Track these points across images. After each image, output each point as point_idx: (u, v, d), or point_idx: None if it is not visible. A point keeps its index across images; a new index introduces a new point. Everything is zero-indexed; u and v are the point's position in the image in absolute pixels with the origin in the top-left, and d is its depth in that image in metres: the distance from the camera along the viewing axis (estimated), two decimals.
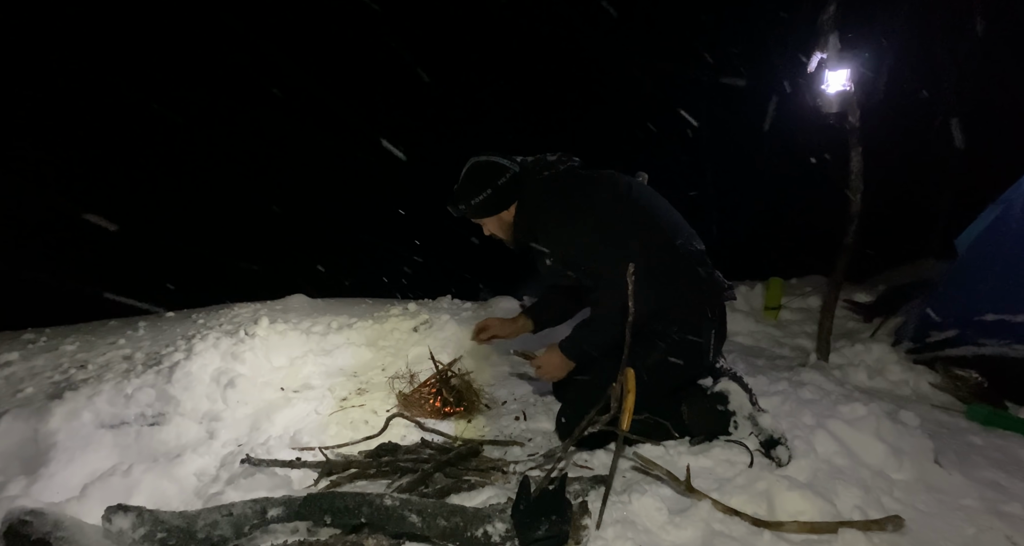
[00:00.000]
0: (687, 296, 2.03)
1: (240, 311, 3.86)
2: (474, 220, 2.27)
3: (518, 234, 2.21)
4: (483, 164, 2.18)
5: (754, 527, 1.51)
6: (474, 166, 2.18)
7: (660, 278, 1.94)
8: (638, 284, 1.61)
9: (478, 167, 2.18)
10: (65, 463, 1.90)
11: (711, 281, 2.11)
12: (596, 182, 2.18)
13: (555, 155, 2.23)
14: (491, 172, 2.15)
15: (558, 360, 2.12)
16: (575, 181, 2.17)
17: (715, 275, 2.13)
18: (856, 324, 3.92)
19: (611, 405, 1.66)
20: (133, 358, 3.09)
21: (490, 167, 2.16)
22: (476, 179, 2.16)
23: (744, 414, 1.98)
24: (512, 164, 2.17)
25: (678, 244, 2.08)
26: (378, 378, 2.75)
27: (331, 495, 1.54)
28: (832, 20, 2.78)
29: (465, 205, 2.19)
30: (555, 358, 2.13)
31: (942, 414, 2.60)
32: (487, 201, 2.15)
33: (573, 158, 2.25)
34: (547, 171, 2.18)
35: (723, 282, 2.15)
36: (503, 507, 1.48)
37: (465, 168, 2.20)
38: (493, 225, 2.24)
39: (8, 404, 2.49)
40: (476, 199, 2.15)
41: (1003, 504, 1.76)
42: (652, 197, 2.19)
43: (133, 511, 1.44)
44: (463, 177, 2.19)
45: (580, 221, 2.04)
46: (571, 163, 2.23)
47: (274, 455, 1.99)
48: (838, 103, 2.86)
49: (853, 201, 2.90)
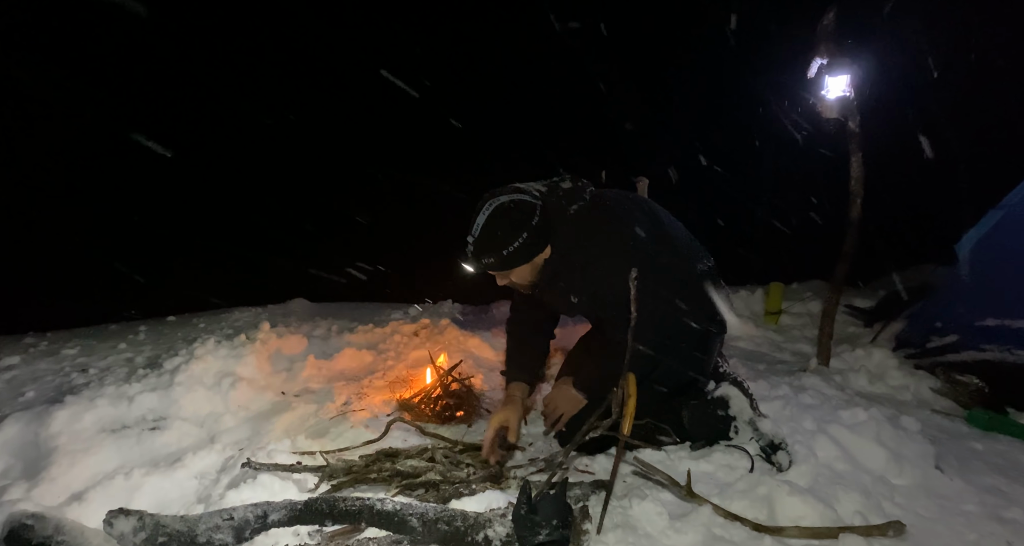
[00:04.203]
0: (699, 314, 2.03)
1: (241, 315, 3.87)
2: (498, 273, 1.89)
3: (544, 276, 1.90)
4: (509, 205, 1.77)
5: (755, 532, 1.51)
6: (500, 209, 1.76)
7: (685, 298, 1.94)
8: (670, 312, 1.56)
9: (505, 210, 1.76)
10: (66, 467, 1.90)
11: (719, 296, 2.12)
12: (623, 210, 1.96)
13: (567, 181, 1.96)
14: (522, 213, 1.77)
15: (573, 397, 2.01)
16: (606, 216, 1.91)
17: (721, 287, 2.14)
18: (857, 329, 3.92)
19: (612, 410, 1.66)
20: (134, 362, 3.10)
21: (519, 207, 1.77)
22: (507, 224, 1.76)
23: (745, 419, 1.98)
24: (531, 197, 1.82)
25: (696, 266, 2.07)
26: (379, 382, 2.76)
27: (332, 499, 1.54)
28: (831, 26, 2.79)
29: (495, 258, 1.78)
30: (570, 393, 2.02)
31: (943, 419, 2.60)
32: (523, 248, 1.77)
33: (582, 179, 2.00)
34: (574, 205, 1.89)
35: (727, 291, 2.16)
36: (504, 511, 1.48)
37: (486, 213, 1.77)
38: (523, 273, 1.87)
39: (10, 408, 2.49)
40: (510, 248, 1.76)
41: (1004, 509, 1.77)
42: (669, 220, 2.11)
43: (134, 515, 1.45)
44: (487, 224, 1.76)
45: (618, 263, 1.76)
46: (590, 189, 1.98)
47: (275, 459, 1.98)
48: (838, 109, 2.86)
49: (853, 206, 2.90)
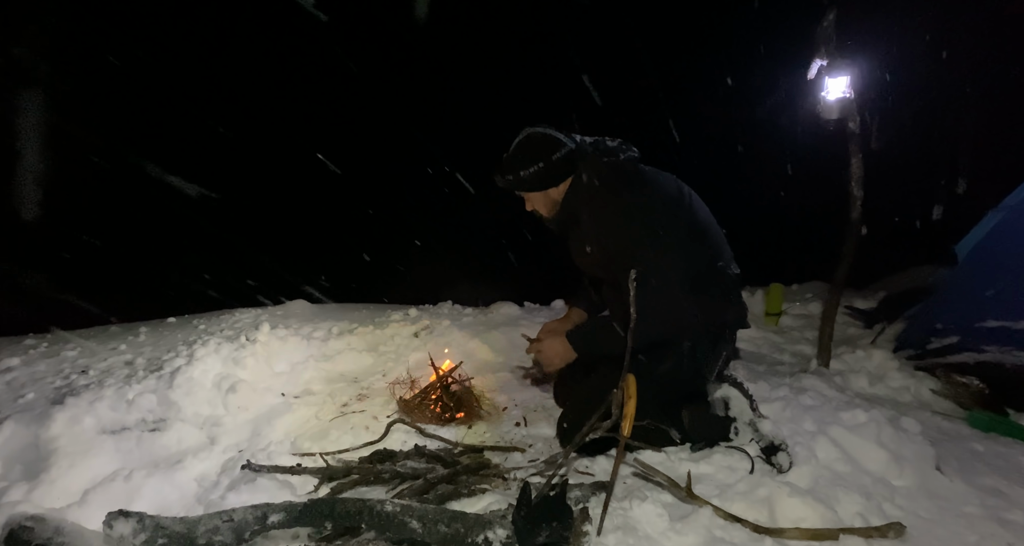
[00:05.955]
0: (714, 315, 2.03)
1: (241, 317, 3.87)
2: (518, 193, 2.16)
3: (563, 214, 2.12)
4: (538, 136, 2.07)
5: (755, 534, 1.51)
6: (529, 137, 2.07)
7: (699, 293, 1.94)
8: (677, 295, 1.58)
9: (533, 139, 2.07)
10: (66, 469, 1.90)
11: (739, 306, 2.12)
12: (658, 183, 2.09)
13: (615, 141, 2.13)
14: (546, 145, 2.05)
15: (561, 349, 2.10)
16: (638, 175, 2.08)
17: (742, 301, 2.14)
18: (857, 330, 3.92)
19: (612, 411, 1.66)
20: (134, 363, 3.10)
21: (546, 140, 2.06)
22: (529, 150, 2.05)
23: (745, 420, 1.98)
24: (569, 140, 2.07)
25: (719, 266, 2.07)
26: (379, 384, 2.75)
27: (332, 501, 1.54)
28: (831, 27, 2.79)
29: (513, 176, 2.07)
30: (558, 346, 2.10)
31: (943, 421, 2.60)
32: (538, 174, 2.04)
33: (632, 148, 2.15)
34: (608, 157, 2.08)
35: (746, 307, 2.15)
36: (504, 513, 1.48)
37: (519, 138, 2.08)
38: (538, 201, 2.13)
39: (9, 409, 2.49)
40: (527, 171, 2.04)
41: (1005, 511, 1.76)
42: (706, 212, 2.14)
43: (134, 517, 1.44)
44: (515, 147, 2.07)
45: (635, 217, 1.96)
46: (631, 153, 2.13)
47: (275, 461, 1.99)
48: (838, 110, 2.87)
49: (854, 207, 2.90)
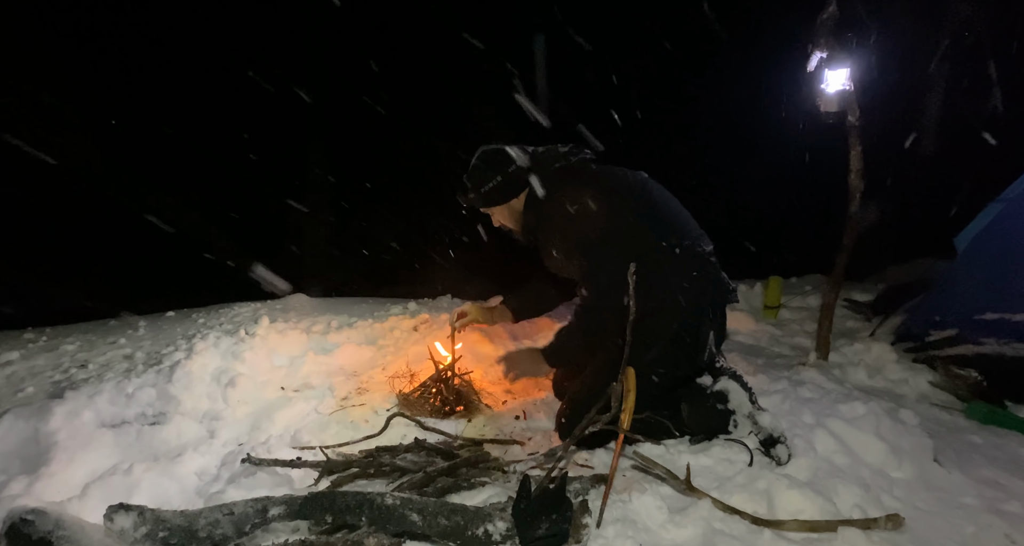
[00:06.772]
0: (688, 295, 2.03)
1: (240, 310, 3.86)
2: (482, 210, 2.27)
3: (526, 224, 2.21)
4: (492, 152, 2.19)
5: (754, 526, 1.51)
6: (484, 154, 2.20)
7: (654, 280, 1.93)
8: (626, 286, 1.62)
9: (487, 155, 2.19)
10: (66, 462, 1.90)
11: (716, 282, 2.11)
12: (607, 176, 2.16)
13: (567, 146, 2.21)
14: (500, 160, 2.16)
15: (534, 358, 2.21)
16: (587, 176, 2.16)
17: (721, 276, 2.13)
18: (856, 323, 3.93)
19: (611, 404, 1.66)
20: (134, 357, 3.10)
21: (499, 155, 2.17)
22: (485, 167, 2.17)
23: (744, 413, 1.98)
24: (522, 153, 2.17)
25: (685, 245, 2.06)
26: (378, 377, 2.75)
27: (332, 494, 1.54)
28: (831, 19, 2.78)
29: (475, 193, 2.20)
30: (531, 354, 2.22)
31: (941, 413, 2.60)
32: (496, 189, 2.16)
33: (585, 151, 2.23)
34: (558, 163, 2.16)
35: (728, 283, 2.15)
36: (503, 506, 1.48)
37: (475, 156, 2.21)
38: (502, 215, 2.25)
39: (9, 403, 2.49)
40: (486, 186, 2.17)
41: (1002, 502, 1.77)
42: (662, 196, 2.18)
43: (134, 510, 1.44)
44: (472, 165, 2.20)
45: (586, 217, 2.02)
46: (583, 155, 2.21)
47: (275, 454, 1.99)
48: (838, 102, 2.85)
49: (853, 200, 2.90)
